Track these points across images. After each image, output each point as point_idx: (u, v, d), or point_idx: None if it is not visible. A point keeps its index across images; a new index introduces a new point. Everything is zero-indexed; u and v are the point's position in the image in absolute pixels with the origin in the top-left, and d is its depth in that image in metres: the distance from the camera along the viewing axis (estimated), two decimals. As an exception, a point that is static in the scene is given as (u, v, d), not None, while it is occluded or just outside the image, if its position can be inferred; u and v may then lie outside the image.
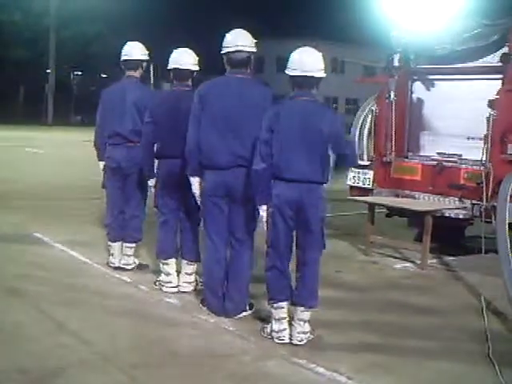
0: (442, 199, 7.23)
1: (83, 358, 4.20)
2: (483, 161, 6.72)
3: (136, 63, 6.30)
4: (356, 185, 8.01)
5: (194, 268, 5.71)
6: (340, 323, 5.09)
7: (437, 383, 4.16)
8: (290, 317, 4.63)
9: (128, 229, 6.31)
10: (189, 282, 5.70)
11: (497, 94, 6.71)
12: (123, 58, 6.31)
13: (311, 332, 4.63)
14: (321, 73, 4.55)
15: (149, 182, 5.87)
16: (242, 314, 5.07)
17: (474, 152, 7.02)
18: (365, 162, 7.95)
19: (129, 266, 6.34)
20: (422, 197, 7.44)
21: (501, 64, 6.92)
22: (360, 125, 8.02)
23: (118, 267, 6.32)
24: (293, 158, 4.47)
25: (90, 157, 7.20)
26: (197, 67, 5.69)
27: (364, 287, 6.19)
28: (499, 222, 5.94)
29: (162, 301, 5.47)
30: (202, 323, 4.96)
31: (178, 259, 5.78)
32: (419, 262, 7.05)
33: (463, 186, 7.02)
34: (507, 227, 5.89)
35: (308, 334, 4.60)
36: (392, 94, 7.65)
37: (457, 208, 7.01)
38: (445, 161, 7.38)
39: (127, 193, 6.28)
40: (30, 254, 6.84)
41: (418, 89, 8.01)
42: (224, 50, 5.05)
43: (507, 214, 5.97)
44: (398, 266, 7.14)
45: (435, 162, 7.42)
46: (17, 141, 23.44)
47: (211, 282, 5.14)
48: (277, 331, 4.60)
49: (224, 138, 4.93)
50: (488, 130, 6.66)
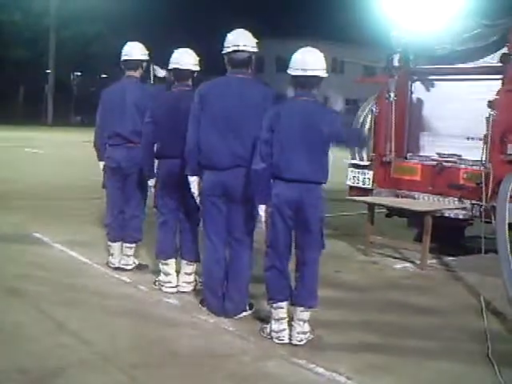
0: (441, 199, 7.24)
1: (83, 358, 4.20)
2: (483, 161, 6.72)
3: (136, 63, 6.30)
4: (356, 185, 8.02)
5: (194, 268, 5.71)
6: (339, 323, 5.10)
7: (436, 383, 4.16)
8: (289, 317, 4.63)
9: (128, 229, 6.31)
10: (188, 282, 5.70)
11: (497, 95, 6.72)
12: (123, 58, 6.31)
13: (311, 332, 4.63)
14: (323, 72, 4.55)
15: (149, 182, 5.88)
16: (242, 314, 5.07)
17: (474, 152, 7.03)
18: (364, 162, 7.96)
19: (128, 266, 6.34)
20: (421, 197, 7.44)
21: (501, 64, 6.93)
22: (360, 125, 8.02)
23: (117, 267, 6.32)
24: (293, 158, 4.47)
25: (89, 157, 7.20)
26: (197, 67, 5.69)
27: (364, 287, 6.19)
28: (499, 223, 5.94)
29: (161, 301, 5.47)
30: (201, 323, 4.96)
31: (178, 259, 5.78)
32: (419, 262, 7.05)
33: (463, 187, 7.02)
34: (507, 227, 5.90)
35: (307, 334, 4.61)
36: (392, 94, 7.65)
37: (456, 208, 7.01)
38: (444, 161, 7.38)
39: (127, 193, 6.28)
40: (29, 254, 6.84)
41: (418, 89, 8.01)
42: (225, 50, 5.04)
43: (507, 214, 5.97)
44: (397, 266, 7.15)
45: (435, 162, 7.42)
46: (17, 141, 23.43)
47: (211, 282, 5.14)
48: (276, 331, 4.60)
49: (224, 137, 4.93)
50: (488, 130, 6.67)
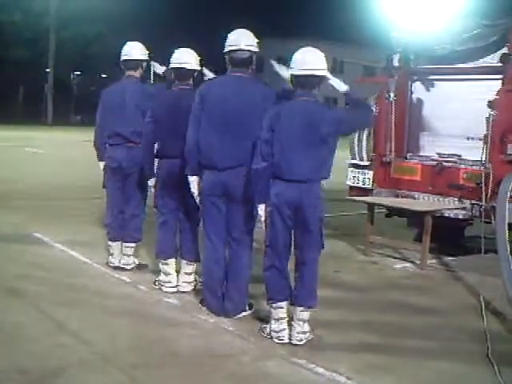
0: (441, 199, 7.23)
1: (83, 358, 4.20)
2: (483, 161, 6.72)
3: (136, 63, 6.30)
4: (356, 185, 8.01)
5: (194, 268, 5.71)
6: (339, 323, 5.10)
7: (436, 383, 4.16)
8: (289, 317, 4.63)
9: (128, 229, 6.32)
10: (188, 282, 5.70)
11: (496, 95, 6.71)
12: (123, 57, 6.31)
13: (310, 332, 4.63)
14: (323, 72, 4.55)
15: (149, 181, 5.88)
16: (242, 314, 5.07)
17: (474, 152, 7.03)
18: (364, 162, 7.96)
19: (128, 266, 6.34)
20: (421, 197, 7.43)
21: (500, 64, 6.93)
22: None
23: (117, 267, 6.33)
24: (293, 158, 4.47)
25: (90, 157, 7.20)
26: (198, 67, 5.69)
27: (363, 287, 6.19)
28: (499, 223, 5.94)
29: (161, 301, 5.47)
30: (201, 323, 4.96)
31: (178, 259, 5.78)
32: (419, 262, 7.05)
33: (463, 187, 7.02)
34: (507, 227, 5.90)
35: (307, 333, 4.60)
36: (392, 94, 7.65)
37: (456, 208, 7.01)
38: (444, 161, 7.38)
39: (127, 193, 6.28)
40: (29, 254, 6.84)
41: (418, 89, 8.01)
42: (226, 49, 5.03)
43: (507, 215, 5.97)
44: (397, 266, 7.14)
45: (435, 163, 7.42)
46: (16, 141, 23.45)
47: (211, 282, 5.14)
48: (276, 331, 4.60)
49: (224, 137, 4.92)
50: (488, 130, 6.66)
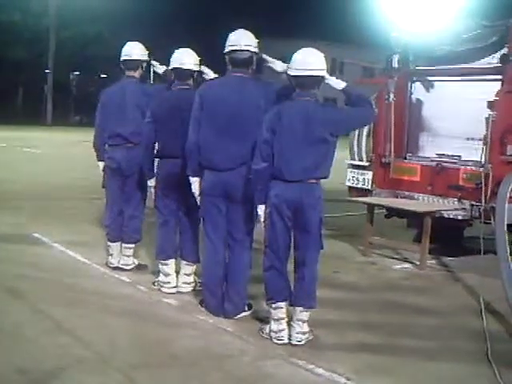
0: (441, 200, 7.23)
1: (82, 359, 4.20)
2: (482, 162, 6.72)
3: (136, 63, 6.29)
4: (355, 186, 8.01)
5: (193, 269, 5.70)
6: (339, 324, 5.09)
7: (436, 384, 4.17)
8: (288, 317, 4.63)
9: (127, 229, 6.31)
10: (188, 283, 5.70)
11: (496, 95, 6.71)
12: (123, 58, 6.30)
13: (310, 332, 4.63)
14: (323, 72, 4.55)
15: (149, 182, 5.87)
16: (241, 315, 5.07)
17: (474, 153, 7.03)
18: (364, 163, 7.96)
19: (128, 267, 6.34)
20: (421, 198, 7.43)
21: (500, 65, 6.93)
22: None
23: (116, 267, 6.32)
24: (293, 159, 4.46)
25: (89, 157, 7.19)
26: (198, 67, 5.68)
27: (363, 288, 6.19)
28: (498, 223, 5.94)
29: (160, 301, 5.46)
30: (200, 324, 4.96)
31: (177, 260, 5.77)
32: (418, 262, 7.05)
33: (462, 187, 7.02)
34: (506, 228, 5.90)
35: (307, 334, 4.60)
36: (391, 94, 7.65)
37: (456, 209, 7.01)
38: (444, 162, 7.38)
39: (127, 193, 6.28)
40: (29, 254, 6.84)
41: (418, 90, 8.01)
42: (227, 49, 5.02)
43: (506, 215, 5.97)
44: (396, 266, 7.14)
45: (434, 163, 7.42)
46: (16, 141, 23.45)
47: (210, 283, 5.14)
48: (275, 331, 4.60)
49: (224, 138, 4.92)
50: (487, 131, 6.66)
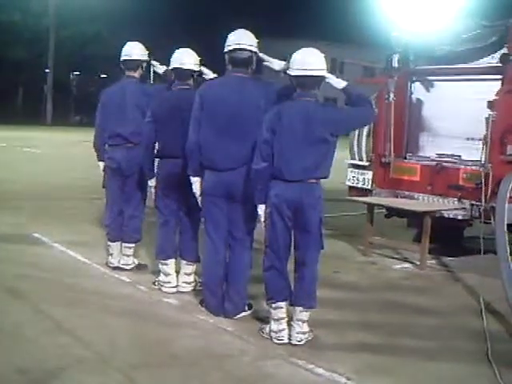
0: (441, 200, 7.23)
1: (82, 359, 4.20)
2: (482, 161, 6.72)
3: (136, 63, 6.29)
4: (355, 185, 8.01)
5: (193, 268, 5.70)
6: (339, 323, 5.09)
7: (436, 384, 4.17)
8: (288, 317, 4.63)
9: (127, 229, 6.31)
10: (188, 283, 5.70)
11: (496, 95, 6.71)
12: (123, 58, 6.29)
13: (310, 332, 4.63)
14: (323, 72, 4.55)
15: (149, 182, 5.87)
16: (241, 315, 5.07)
17: (474, 153, 7.03)
18: (364, 163, 7.96)
19: (128, 266, 6.34)
20: (421, 197, 7.43)
21: (500, 65, 6.93)
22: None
23: (116, 267, 6.32)
24: (293, 159, 4.46)
25: (89, 157, 7.20)
26: (198, 67, 5.68)
27: (363, 288, 6.19)
28: (498, 223, 5.95)
29: (161, 301, 5.46)
30: (201, 323, 4.96)
31: (177, 259, 5.77)
32: (418, 262, 7.05)
33: (462, 187, 7.02)
34: (506, 228, 5.90)
35: (307, 334, 4.60)
36: (391, 94, 7.65)
37: (456, 209, 7.01)
38: (444, 161, 7.38)
39: (127, 193, 6.28)
40: (29, 254, 6.84)
41: (418, 89, 8.01)
42: (226, 49, 5.02)
43: (506, 215, 5.97)
44: (396, 266, 7.14)
45: (434, 163, 7.42)
46: (16, 141, 23.44)
47: (211, 282, 5.14)
48: (276, 331, 4.60)
49: (225, 138, 4.92)
50: (487, 130, 6.66)
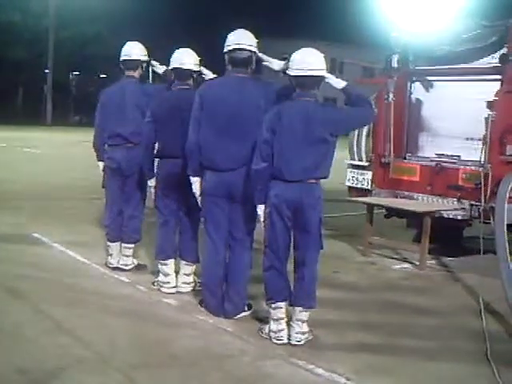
0: (440, 200, 7.24)
1: (82, 359, 4.20)
2: (482, 162, 6.72)
3: (136, 63, 6.29)
4: (355, 186, 8.01)
5: (193, 269, 5.70)
6: (338, 324, 5.10)
7: (435, 384, 4.17)
8: (288, 317, 4.63)
9: (127, 229, 6.30)
10: (187, 283, 5.70)
11: (496, 95, 6.72)
12: (123, 58, 6.29)
13: (309, 332, 4.63)
14: (323, 72, 4.55)
15: (149, 181, 5.87)
16: (241, 315, 5.07)
17: (473, 153, 7.03)
18: (363, 163, 7.96)
19: (127, 267, 6.33)
20: (420, 198, 7.43)
21: (500, 65, 6.94)
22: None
23: (116, 267, 6.32)
24: (293, 159, 4.46)
25: (89, 157, 7.20)
26: (198, 67, 5.69)
27: (362, 288, 6.19)
28: (498, 223, 5.95)
29: (160, 301, 5.46)
30: (200, 324, 4.96)
31: (177, 260, 5.77)
32: (418, 262, 7.05)
33: (462, 187, 7.02)
34: (505, 228, 5.91)
35: (306, 334, 4.60)
36: (391, 94, 7.65)
37: (455, 209, 7.01)
38: (443, 162, 7.38)
39: (127, 193, 6.28)
40: (28, 254, 6.83)
41: (417, 90, 8.01)
42: (226, 49, 5.02)
43: (505, 215, 5.97)
44: (396, 266, 7.15)
45: (434, 163, 7.42)
46: (16, 141, 23.45)
47: (210, 283, 5.13)
48: (275, 331, 4.60)
49: (225, 138, 4.92)
50: (487, 131, 6.67)
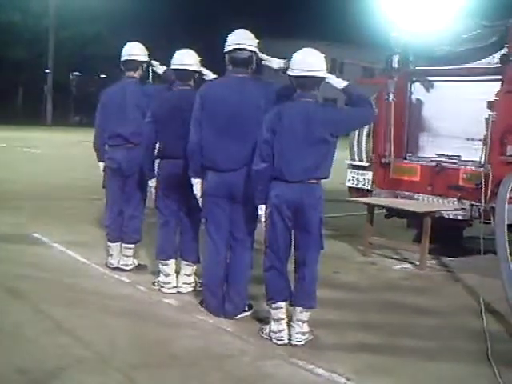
0: (441, 200, 7.24)
1: (82, 359, 4.20)
2: (482, 162, 6.72)
3: (136, 64, 6.28)
4: (355, 186, 8.01)
5: (193, 269, 5.70)
6: (339, 324, 5.09)
7: (436, 384, 4.17)
8: (288, 317, 4.63)
9: (127, 229, 6.30)
10: (188, 283, 5.70)
11: (496, 96, 6.71)
12: (123, 58, 6.29)
13: (310, 333, 4.63)
14: (323, 73, 4.55)
15: (149, 182, 5.86)
16: (242, 315, 5.07)
17: (473, 153, 7.04)
18: (364, 163, 7.96)
19: (127, 267, 6.33)
20: (420, 198, 7.43)
21: (500, 65, 6.94)
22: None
23: (116, 268, 6.32)
24: (293, 159, 4.46)
25: (89, 157, 7.20)
26: (199, 68, 5.69)
27: (363, 288, 6.19)
28: (498, 223, 5.95)
29: (160, 301, 5.46)
30: (200, 324, 4.96)
31: (177, 260, 5.77)
32: (418, 263, 7.05)
33: (462, 187, 7.02)
34: (506, 228, 5.90)
35: (307, 334, 4.60)
36: (391, 95, 7.65)
37: (456, 209, 7.01)
38: (444, 162, 7.38)
39: (127, 193, 6.27)
40: (28, 254, 6.83)
41: (417, 90, 8.01)
42: (226, 49, 5.02)
43: (506, 216, 5.97)
44: (396, 266, 7.15)
45: (434, 163, 7.42)
46: (16, 141, 23.44)
47: (211, 283, 5.13)
48: (275, 332, 4.60)
49: (226, 138, 4.92)
50: (487, 131, 6.67)
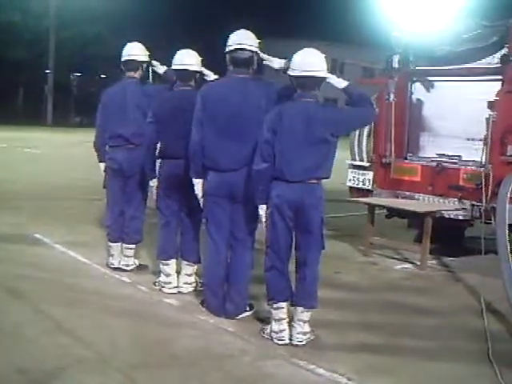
0: (441, 200, 7.24)
1: (82, 359, 4.20)
2: (483, 162, 6.72)
3: (136, 64, 6.28)
4: (356, 186, 8.02)
5: (194, 269, 5.70)
6: (340, 324, 5.09)
7: (436, 384, 4.17)
8: (289, 317, 4.63)
9: (128, 230, 6.30)
10: (189, 283, 5.70)
11: (496, 96, 6.71)
12: (123, 58, 6.29)
13: (311, 333, 4.63)
14: (323, 73, 4.55)
15: (150, 182, 5.86)
16: (243, 315, 5.07)
17: (474, 153, 7.04)
18: (364, 163, 7.96)
19: (128, 267, 6.33)
20: (421, 198, 7.43)
21: (500, 65, 6.93)
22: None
23: (117, 268, 6.32)
24: (294, 159, 4.46)
25: (90, 157, 7.19)
26: (199, 68, 5.68)
27: (364, 288, 6.19)
28: (499, 223, 5.94)
29: (161, 301, 5.46)
30: (201, 324, 4.96)
31: (178, 260, 5.77)
32: (419, 263, 7.05)
33: (463, 187, 7.02)
34: (507, 228, 5.90)
35: (308, 334, 4.60)
36: (391, 95, 7.65)
37: (456, 209, 7.01)
38: (444, 162, 7.38)
39: (128, 194, 6.27)
40: (29, 254, 6.83)
41: (418, 90, 8.01)
42: (227, 49, 5.02)
43: (507, 215, 5.97)
44: (397, 267, 7.14)
45: (435, 163, 7.42)
46: (16, 141, 23.45)
47: (212, 283, 5.13)
48: (276, 332, 4.60)
49: (227, 138, 4.92)
50: (488, 131, 6.67)
